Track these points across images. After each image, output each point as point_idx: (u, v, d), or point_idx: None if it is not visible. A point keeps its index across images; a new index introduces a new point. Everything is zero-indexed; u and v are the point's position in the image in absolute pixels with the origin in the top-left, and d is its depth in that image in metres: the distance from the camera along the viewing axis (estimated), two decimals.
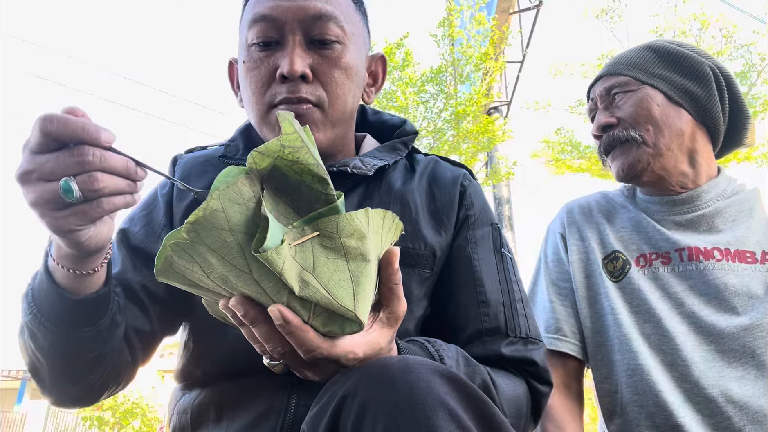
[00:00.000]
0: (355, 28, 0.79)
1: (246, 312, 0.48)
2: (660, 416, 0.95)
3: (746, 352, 0.94)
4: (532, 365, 0.75)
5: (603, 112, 1.12)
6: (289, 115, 0.46)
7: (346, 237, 0.46)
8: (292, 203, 0.48)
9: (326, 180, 0.48)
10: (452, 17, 6.76)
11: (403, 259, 0.75)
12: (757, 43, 6.70)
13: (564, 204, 1.25)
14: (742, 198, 1.08)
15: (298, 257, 0.45)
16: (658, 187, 1.09)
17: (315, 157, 0.47)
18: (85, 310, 0.63)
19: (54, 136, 0.48)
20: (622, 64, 1.11)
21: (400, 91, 6.75)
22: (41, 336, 0.64)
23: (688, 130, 1.07)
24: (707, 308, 0.99)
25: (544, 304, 1.14)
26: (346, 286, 0.47)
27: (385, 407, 0.44)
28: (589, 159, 7.56)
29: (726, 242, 1.03)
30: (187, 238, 0.43)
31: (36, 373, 0.69)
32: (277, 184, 0.47)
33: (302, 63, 0.72)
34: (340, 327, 0.49)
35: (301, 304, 0.47)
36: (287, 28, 0.73)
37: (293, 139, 0.46)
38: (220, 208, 0.43)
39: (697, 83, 1.07)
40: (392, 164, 0.84)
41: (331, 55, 0.75)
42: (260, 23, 0.74)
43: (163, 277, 0.47)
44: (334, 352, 0.50)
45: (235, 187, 0.44)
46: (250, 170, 0.45)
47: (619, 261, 1.09)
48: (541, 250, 1.23)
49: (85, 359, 0.67)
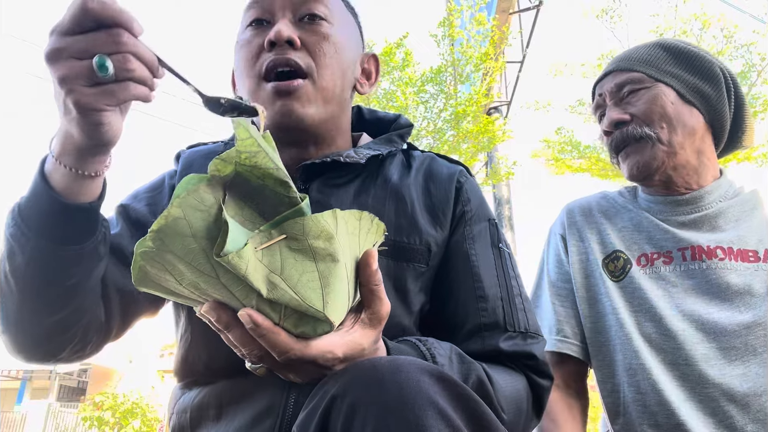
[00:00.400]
0: (344, 19, 0.83)
1: (219, 317, 0.49)
2: (662, 415, 0.95)
3: (748, 350, 0.94)
4: (531, 359, 0.75)
5: (614, 108, 1.09)
6: (243, 121, 0.46)
7: (314, 238, 0.46)
8: (258, 207, 0.49)
9: (287, 183, 0.48)
10: (452, 17, 6.77)
11: (398, 254, 0.75)
12: (757, 43, 6.71)
13: (565, 205, 1.24)
14: (743, 199, 1.08)
15: (265, 260, 0.45)
16: (665, 186, 1.09)
17: (274, 161, 0.47)
18: (74, 221, 0.62)
19: (94, 14, 0.50)
20: (634, 60, 1.09)
21: (400, 91, 6.75)
22: (20, 252, 0.61)
23: (700, 130, 1.06)
24: (709, 306, 0.99)
25: (547, 306, 1.13)
26: (314, 287, 0.47)
27: (375, 407, 0.44)
28: (589, 159, 7.57)
29: (729, 241, 1.02)
30: (152, 246, 0.44)
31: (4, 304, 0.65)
32: (242, 189, 0.48)
33: (289, 30, 0.75)
34: (312, 328, 0.50)
35: (270, 307, 0.48)
36: (276, 8, 0.77)
37: (249, 144, 0.46)
38: (182, 215, 0.44)
39: (709, 83, 1.07)
40: (388, 158, 0.84)
41: (318, 29, 0.77)
42: (253, 8, 0.79)
43: (141, 287, 0.48)
44: (309, 352, 0.50)
45: (196, 194, 0.44)
46: (212, 177, 0.46)
47: (620, 260, 1.08)
48: (543, 252, 1.23)
49: (60, 288, 0.64)
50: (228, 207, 0.46)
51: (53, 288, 0.63)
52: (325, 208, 0.75)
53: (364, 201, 0.78)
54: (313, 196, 0.77)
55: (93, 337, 0.72)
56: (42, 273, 0.62)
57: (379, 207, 0.78)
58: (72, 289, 0.65)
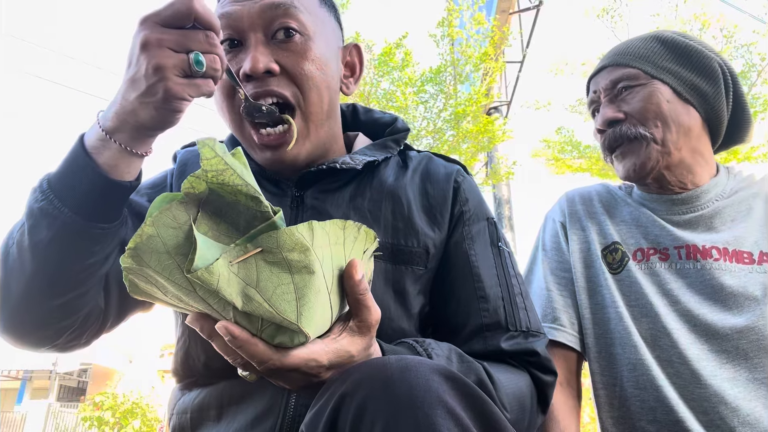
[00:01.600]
0: (320, 21, 0.77)
1: (202, 327, 0.50)
2: (661, 411, 0.95)
3: (739, 354, 0.94)
4: (533, 356, 0.75)
5: (608, 105, 1.07)
6: (208, 140, 0.47)
7: (288, 251, 0.47)
8: (233, 222, 0.49)
9: (258, 198, 0.49)
10: (451, 17, 6.76)
11: (395, 257, 0.75)
12: (757, 43, 6.70)
13: (564, 192, 1.21)
14: (741, 197, 1.06)
15: (241, 273, 0.46)
16: (659, 185, 1.08)
17: (243, 177, 0.48)
18: (113, 198, 0.63)
19: (197, 15, 0.56)
20: (630, 55, 1.07)
21: (399, 91, 6.74)
22: (46, 227, 0.60)
23: (696, 128, 1.04)
24: (703, 307, 0.98)
25: (540, 293, 1.11)
26: (289, 299, 0.48)
27: (384, 406, 0.44)
28: (589, 158, 7.57)
29: (725, 241, 1.01)
30: (132, 263, 0.46)
31: (7, 282, 0.64)
32: (216, 204, 0.49)
33: (265, 58, 0.71)
34: (289, 338, 0.50)
35: (247, 319, 0.49)
36: (246, 25, 0.73)
37: (215, 163, 0.47)
38: (155, 233, 0.45)
39: (706, 80, 1.04)
40: (383, 161, 0.83)
41: (295, 48, 0.73)
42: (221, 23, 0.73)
43: (136, 296, 0.49)
44: (289, 362, 0.50)
45: (169, 212, 0.46)
46: (186, 194, 0.47)
47: (618, 253, 1.07)
48: (539, 237, 1.20)
49: (77, 267, 0.64)
50: (201, 223, 0.47)
51: (70, 267, 0.63)
52: (321, 214, 0.77)
53: (360, 204, 0.78)
54: (309, 202, 0.77)
55: (91, 325, 0.72)
56: (65, 250, 0.62)
57: (375, 210, 0.77)
58: (87, 269, 0.65)
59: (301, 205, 0.77)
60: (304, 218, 0.76)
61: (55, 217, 0.60)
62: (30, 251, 0.62)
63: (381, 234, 0.76)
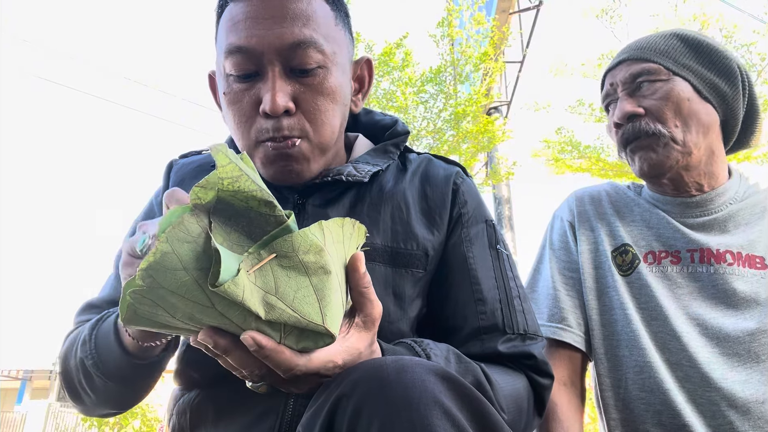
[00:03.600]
0: (337, 45, 0.75)
1: (216, 343, 0.48)
2: (666, 415, 0.94)
3: (751, 357, 0.93)
4: (530, 359, 0.75)
5: (627, 99, 1.04)
6: (221, 146, 0.46)
7: (304, 253, 0.46)
8: (245, 230, 0.48)
9: (272, 203, 0.48)
10: (451, 17, 6.77)
11: (395, 260, 0.75)
12: (757, 43, 6.70)
13: (573, 191, 1.19)
14: (755, 200, 1.04)
15: (259, 282, 0.45)
16: (674, 186, 1.05)
17: (256, 182, 0.47)
18: (148, 370, 0.71)
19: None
20: (650, 50, 1.04)
21: (399, 91, 6.74)
22: (98, 382, 0.70)
23: (714, 128, 1.03)
24: (714, 311, 0.97)
25: (548, 292, 1.10)
26: (311, 301, 0.47)
27: (380, 407, 0.44)
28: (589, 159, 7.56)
29: (738, 245, 1.00)
30: (143, 284, 0.44)
31: (76, 397, 0.76)
32: (226, 214, 0.47)
33: (284, 98, 0.69)
34: (313, 342, 0.50)
35: (270, 327, 0.48)
36: (265, 60, 0.69)
37: (230, 170, 0.46)
38: (170, 249, 0.43)
39: (726, 80, 1.02)
40: (384, 169, 0.83)
41: (313, 82, 0.71)
42: (237, 55, 0.70)
43: (131, 324, 0.47)
44: (312, 365, 0.50)
45: (182, 226, 0.44)
46: (194, 206, 0.45)
47: (629, 254, 1.05)
48: (546, 236, 1.18)
49: (133, 398, 0.76)
50: (215, 234, 0.46)
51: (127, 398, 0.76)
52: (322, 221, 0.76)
53: (360, 210, 0.78)
54: (310, 210, 0.77)
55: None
56: (119, 393, 0.73)
57: (375, 215, 0.77)
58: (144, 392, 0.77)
59: (303, 213, 0.77)
60: (305, 226, 0.76)
61: (104, 380, 0.70)
62: (90, 389, 0.73)
63: (380, 237, 0.76)
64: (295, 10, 0.70)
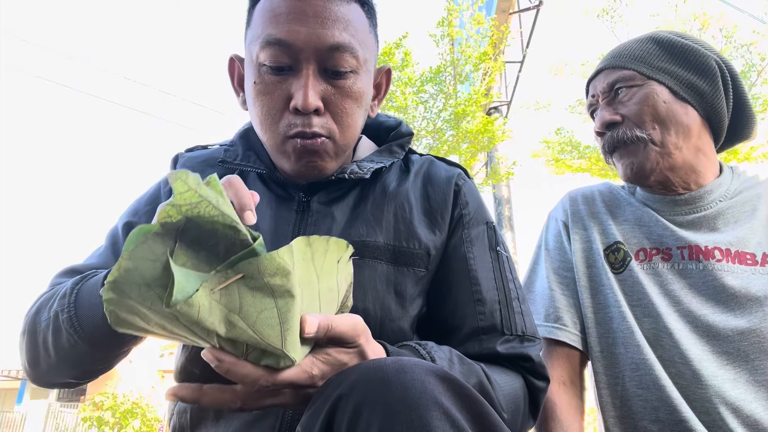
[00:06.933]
0: (369, 52, 0.77)
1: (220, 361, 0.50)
2: (664, 411, 0.95)
3: (740, 356, 0.93)
4: (527, 361, 0.75)
5: (606, 108, 1.07)
6: (181, 173, 0.45)
7: (270, 276, 0.46)
8: (212, 249, 0.48)
9: (236, 227, 0.48)
10: (451, 17, 6.77)
11: (397, 258, 0.76)
12: (757, 43, 6.71)
13: (567, 192, 1.21)
14: (746, 197, 1.05)
15: (223, 300, 0.46)
16: (663, 187, 1.07)
17: (218, 207, 0.47)
18: (126, 342, 0.68)
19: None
20: (625, 57, 1.07)
21: (399, 91, 6.75)
22: (67, 340, 0.66)
23: (696, 128, 1.04)
24: (705, 308, 0.98)
25: (543, 292, 1.11)
26: (273, 324, 0.47)
27: (380, 407, 0.44)
28: (589, 159, 7.57)
29: (727, 242, 1.01)
30: (113, 295, 0.45)
31: (34, 361, 0.71)
32: (195, 233, 0.48)
33: (316, 97, 0.71)
34: (275, 361, 0.50)
35: (232, 344, 0.49)
36: (302, 56, 0.70)
37: (188, 197, 0.46)
38: (133, 266, 0.44)
39: (703, 78, 1.03)
40: (387, 166, 0.84)
41: (343, 84, 0.73)
42: (275, 47, 0.70)
43: (119, 328, 0.48)
44: (283, 378, 0.50)
45: (145, 246, 0.45)
46: (163, 225, 0.46)
47: (621, 252, 1.06)
48: (541, 236, 1.20)
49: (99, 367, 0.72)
50: (180, 254, 0.46)
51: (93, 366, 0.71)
52: (326, 219, 0.78)
53: (363, 209, 0.79)
54: (314, 207, 0.78)
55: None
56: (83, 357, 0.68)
57: (378, 213, 0.78)
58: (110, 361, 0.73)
59: (307, 210, 0.78)
60: (309, 222, 0.77)
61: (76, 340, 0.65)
62: (54, 349, 0.68)
63: (383, 236, 0.77)
64: (338, 13, 0.71)
